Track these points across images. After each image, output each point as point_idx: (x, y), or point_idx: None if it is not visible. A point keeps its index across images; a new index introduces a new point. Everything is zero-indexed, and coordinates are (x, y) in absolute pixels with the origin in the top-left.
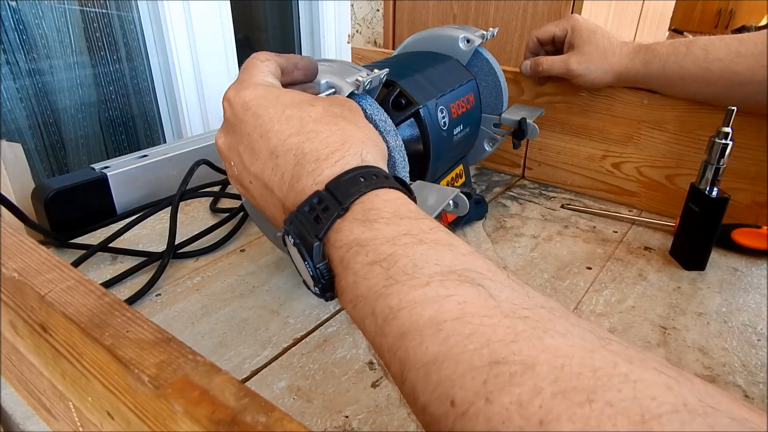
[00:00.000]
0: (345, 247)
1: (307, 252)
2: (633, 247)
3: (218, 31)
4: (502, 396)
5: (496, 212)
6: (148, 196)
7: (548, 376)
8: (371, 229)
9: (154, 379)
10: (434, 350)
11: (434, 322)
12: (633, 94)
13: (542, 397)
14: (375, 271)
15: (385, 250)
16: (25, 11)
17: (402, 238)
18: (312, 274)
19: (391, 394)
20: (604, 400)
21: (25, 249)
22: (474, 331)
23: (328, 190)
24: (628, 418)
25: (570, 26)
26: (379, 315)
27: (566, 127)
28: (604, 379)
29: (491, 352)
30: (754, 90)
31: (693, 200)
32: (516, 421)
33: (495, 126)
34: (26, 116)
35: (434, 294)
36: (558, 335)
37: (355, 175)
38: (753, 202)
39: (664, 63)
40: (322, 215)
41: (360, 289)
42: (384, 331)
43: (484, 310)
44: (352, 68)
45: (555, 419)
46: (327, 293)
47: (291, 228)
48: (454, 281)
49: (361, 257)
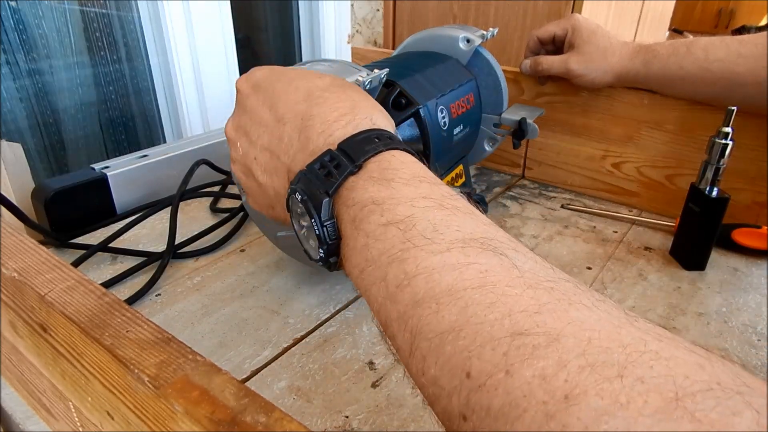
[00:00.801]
0: (358, 205)
1: (314, 208)
2: (633, 247)
3: (218, 31)
4: (524, 368)
5: (496, 212)
6: (148, 196)
7: (574, 349)
8: (388, 187)
9: (154, 379)
10: (451, 319)
11: (453, 290)
12: (633, 94)
13: (568, 371)
14: (390, 232)
15: (402, 211)
16: (25, 11)
17: (421, 200)
18: (318, 233)
19: (390, 394)
20: (635, 375)
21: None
22: (495, 300)
23: (341, 149)
24: (661, 395)
25: (570, 26)
26: (391, 281)
27: (566, 127)
28: (635, 355)
29: (513, 323)
30: (755, 91)
31: (693, 200)
32: (539, 395)
33: (495, 126)
34: (26, 116)
35: (454, 261)
36: (584, 308)
37: (369, 135)
38: (753, 202)
39: (664, 63)
40: (333, 171)
41: (371, 252)
42: (396, 298)
43: (506, 280)
44: (352, 68)
45: (582, 393)
46: (331, 257)
47: (299, 185)
48: (476, 249)
49: (376, 216)
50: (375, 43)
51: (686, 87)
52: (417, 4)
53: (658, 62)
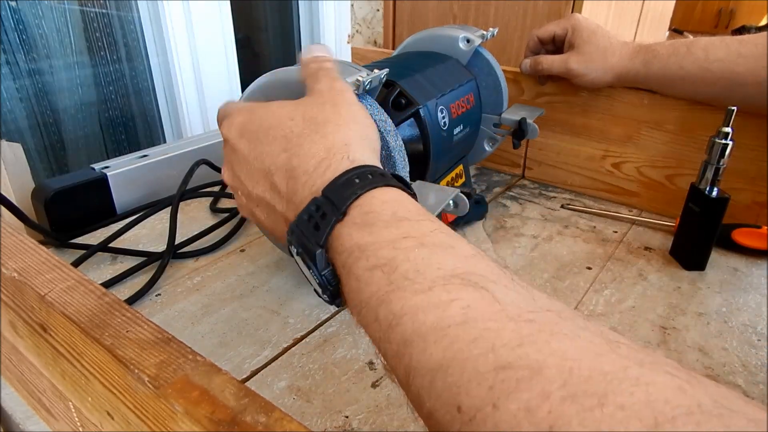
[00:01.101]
0: (346, 253)
1: (310, 260)
2: (633, 247)
3: (218, 31)
4: (509, 402)
5: (496, 212)
6: (148, 196)
7: (556, 380)
8: (370, 233)
9: (154, 379)
10: (439, 356)
11: (438, 328)
12: (633, 94)
13: (551, 402)
14: (376, 276)
15: (385, 255)
16: (25, 11)
17: (402, 241)
18: (318, 282)
19: (390, 394)
20: (616, 403)
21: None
22: (478, 336)
23: (325, 195)
24: (641, 422)
25: (571, 26)
26: (382, 321)
27: (566, 127)
28: (615, 382)
29: (497, 357)
30: (755, 91)
31: (693, 200)
32: (525, 427)
33: (495, 126)
34: (26, 116)
35: (437, 299)
36: (565, 338)
37: (349, 177)
38: (753, 202)
39: (664, 63)
40: (320, 222)
41: (363, 295)
42: (388, 338)
43: (488, 314)
44: (352, 68)
45: (565, 424)
46: (336, 299)
47: (293, 238)
48: (457, 285)
49: (362, 262)
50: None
51: (686, 87)
52: (417, 4)
53: (658, 62)
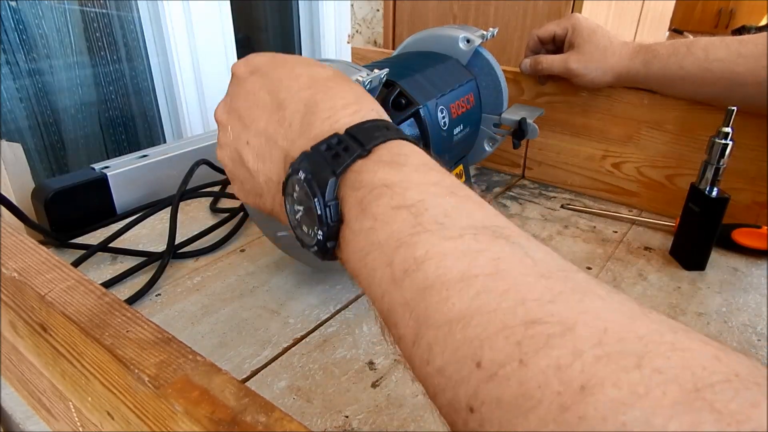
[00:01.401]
0: (367, 188)
1: (319, 187)
2: (633, 247)
3: (218, 31)
4: (538, 358)
5: None
6: (148, 196)
7: (590, 338)
8: (399, 172)
9: (154, 379)
10: (462, 307)
11: (465, 277)
12: (633, 94)
13: (583, 361)
14: (400, 216)
15: (413, 196)
16: (25, 11)
17: (432, 187)
18: (319, 213)
19: (390, 394)
20: (653, 366)
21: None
22: (508, 288)
23: (349, 134)
24: (679, 386)
25: (571, 25)
26: (397, 266)
27: (566, 127)
28: (651, 345)
29: (527, 312)
30: (755, 91)
31: (693, 200)
32: (554, 385)
33: (495, 126)
34: (26, 116)
35: (466, 247)
36: (598, 299)
37: (378, 124)
38: (753, 202)
39: (664, 63)
40: (341, 153)
41: (378, 236)
42: (401, 284)
43: (519, 268)
44: (352, 68)
45: (598, 384)
46: (329, 242)
47: (302, 165)
48: (489, 236)
49: (386, 200)
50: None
51: (686, 87)
52: (417, 4)
53: (658, 62)
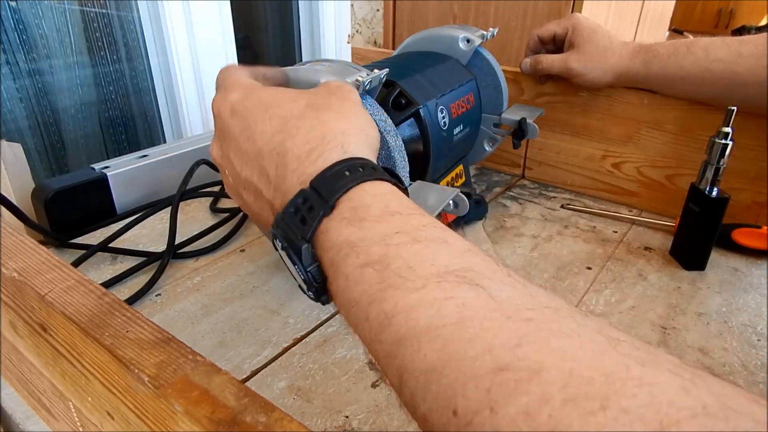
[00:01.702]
0: (334, 249)
1: (295, 255)
2: (633, 247)
3: (218, 31)
4: (507, 405)
5: (496, 212)
6: (148, 196)
7: (557, 381)
8: (361, 228)
9: (154, 379)
10: (433, 357)
11: (432, 328)
12: (633, 94)
13: (552, 406)
14: (367, 273)
15: (377, 251)
16: (25, 11)
17: (394, 237)
18: (303, 278)
19: (390, 394)
20: (619, 406)
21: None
22: (475, 335)
23: (313, 187)
24: (645, 425)
25: (571, 25)
26: (373, 320)
27: (566, 127)
28: (618, 384)
29: (494, 359)
30: (755, 91)
31: (693, 200)
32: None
33: (495, 126)
34: (26, 116)
35: (431, 297)
36: (565, 337)
37: (339, 170)
38: (753, 202)
39: (664, 63)
40: (307, 216)
41: (353, 294)
42: (380, 338)
43: (484, 312)
44: (352, 68)
45: (566, 428)
46: (322, 297)
47: (278, 231)
48: (452, 282)
49: (352, 259)
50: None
51: (686, 87)
52: (417, 4)
53: (659, 62)
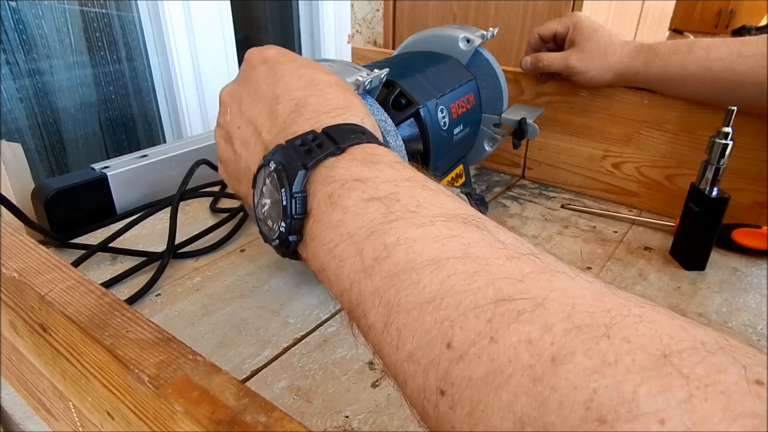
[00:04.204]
0: (338, 182)
1: (287, 178)
2: (633, 247)
3: (218, 31)
4: (509, 334)
5: (496, 212)
6: (148, 196)
7: (559, 313)
8: (372, 168)
9: (154, 379)
10: (432, 289)
11: (435, 260)
12: (633, 94)
13: (554, 333)
14: (372, 206)
15: (386, 188)
16: (25, 11)
17: (404, 181)
18: (284, 204)
19: (391, 394)
20: (621, 336)
21: (25, 249)
22: (479, 269)
23: (326, 132)
24: (647, 354)
25: (572, 23)
26: (367, 254)
27: (566, 127)
28: (618, 318)
29: (497, 291)
30: (755, 91)
31: (693, 200)
32: (525, 359)
33: (495, 126)
34: (26, 116)
35: (437, 233)
36: (567, 278)
37: (356, 128)
38: (753, 202)
39: (665, 62)
40: (314, 149)
41: (348, 227)
42: (371, 272)
43: (490, 251)
44: (352, 68)
45: (569, 355)
46: (291, 236)
47: (274, 156)
48: (459, 223)
49: (358, 193)
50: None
51: (687, 86)
52: (417, 4)
53: (659, 61)
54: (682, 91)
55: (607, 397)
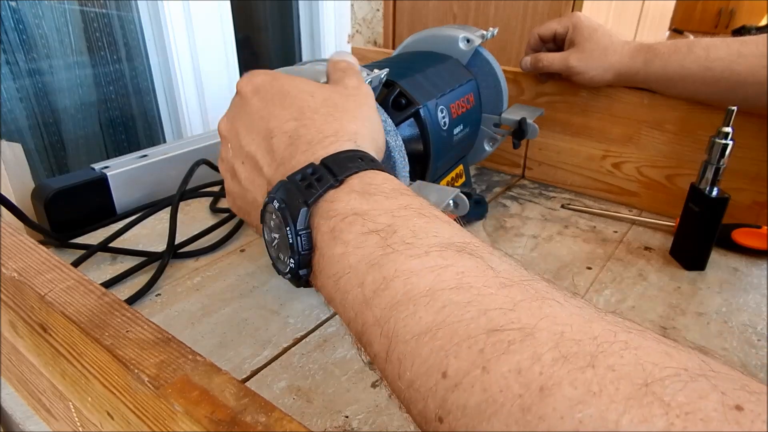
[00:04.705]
0: (339, 216)
1: (291, 216)
2: (633, 247)
3: (218, 31)
4: (500, 364)
5: (496, 212)
6: (148, 196)
7: (548, 342)
8: (370, 200)
9: (154, 379)
10: (428, 320)
11: (430, 292)
12: (633, 94)
13: (542, 363)
14: (371, 240)
15: (383, 220)
16: (25, 11)
17: (402, 210)
18: (291, 242)
19: (391, 394)
20: (606, 364)
21: (25, 249)
22: (471, 299)
23: (324, 164)
24: (631, 382)
25: (572, 23)
26: (368, 286)
27: (566, 127)
28: (605, 345)
29: (489, 321)
30: (755, 90)
31: (693, 200)
32: (515, 388)
33: (495, 126)
34: (26, 116)
35: (432, 263)
36: (556, 304)
37: (352, 155)
38: (753, 202)
39: (665, 62)
40: (314, 183)
41: (349, 260)
42: (372, 303)
43: (482, 280)
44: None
45: (556, 384)
46: (302, 269)
47: (277, 194)
48: (453, 252)
49: (357, 227)
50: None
51: (687, 86)
52: (417, 4)
53: (659, 61)
54: (682, 91)
55: (592, 426)
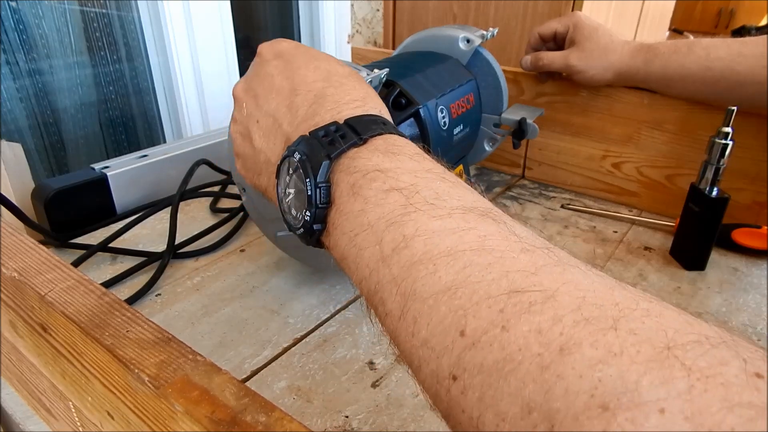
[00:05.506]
0: (360, 173)
1: (312, 168)
2: (633, 247)
3: (218, 31)
4: (520, 324)
5: None
6: (148, 196)
7: (569, 305)
8: (393, 159)
9: (154, 379)
10: (448, 279)
11: (452, 252)
12: (633, 94)
13: (563, 325)
14: (392, 197)
15: (406, 179)
16: (25, 11)
17: (425, 173)
18: (309, 194)
19: (391, 394)
20: (628, 328)
21: (25, 249)
22: (493, 261)
23: (348, 123)
24: (652, 346)
25: (572, 23)
26: (386, 244)
27: (566, 127)
28: (627, 311)
29: (510, 282)
30: (755, 90)
31: (693, 200)
32: (534, 348)
33: (495, 126)
34: (26, 116)
35: (455, 225)
36: (578, 271)
37: (377, 119)
38: (753, 202)
39: (665, 62)
40: (337, 140)
41: (368, 217)
42: (389, 261)
43: (505, 244)
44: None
45: (576, 345)
46: (316, 224)
47: (299, 147)
48: (476, 216)
49: (378, 183)
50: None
51: (687, 86)
52: (417, 4)
53: (660, 60)
54: (682, 91)
55: (611, 385)
